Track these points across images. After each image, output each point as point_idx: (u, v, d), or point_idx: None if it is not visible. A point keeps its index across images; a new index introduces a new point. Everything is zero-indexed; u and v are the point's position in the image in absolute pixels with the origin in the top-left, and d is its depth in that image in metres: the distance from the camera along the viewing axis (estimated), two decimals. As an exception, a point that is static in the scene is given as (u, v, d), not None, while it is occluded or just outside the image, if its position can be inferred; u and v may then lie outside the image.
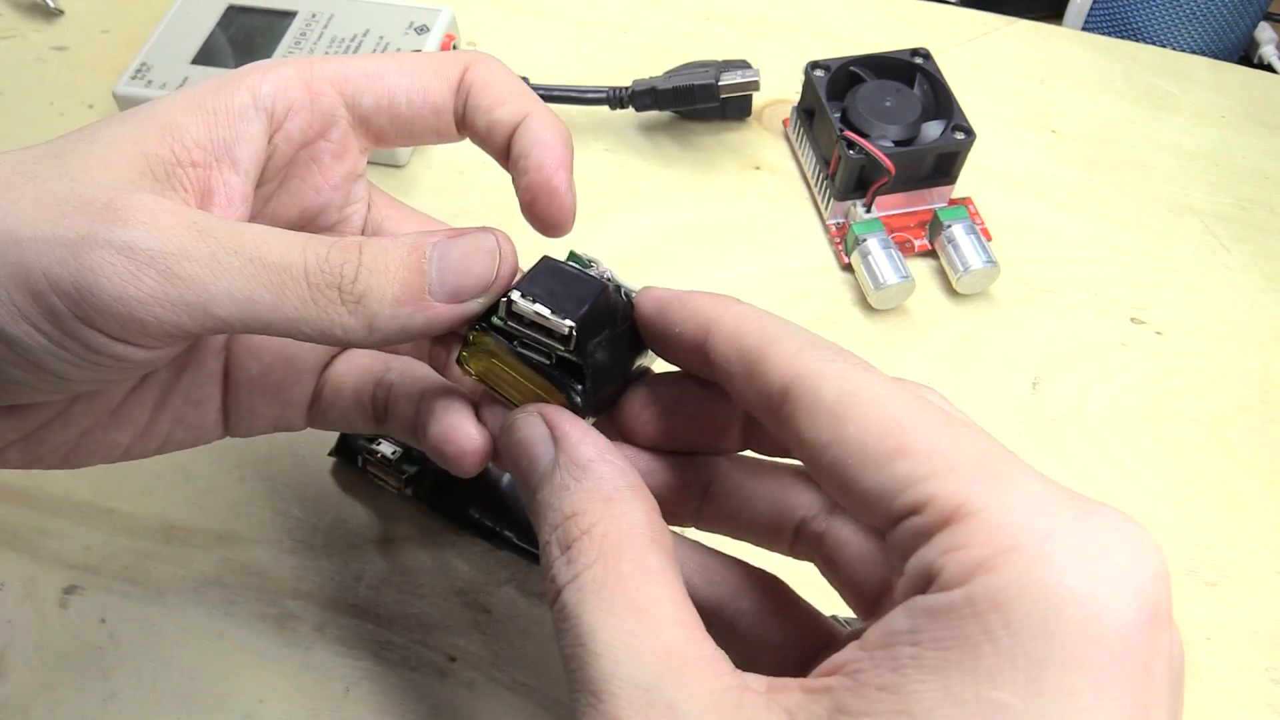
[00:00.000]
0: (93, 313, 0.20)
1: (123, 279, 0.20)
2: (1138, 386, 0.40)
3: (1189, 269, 0.44)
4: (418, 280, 0.22)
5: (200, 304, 0.21)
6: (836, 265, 0.44)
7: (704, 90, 0.46)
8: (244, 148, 0.24)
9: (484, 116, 0.26)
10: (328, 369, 0.28)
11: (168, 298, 0.20)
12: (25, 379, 0.21)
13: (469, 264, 0.22)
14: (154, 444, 0.27)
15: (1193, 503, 0.37)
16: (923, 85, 0.44)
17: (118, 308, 0.20)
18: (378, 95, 0.26)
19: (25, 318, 0.20)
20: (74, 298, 0.20)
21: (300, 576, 0.35)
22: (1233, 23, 0.66)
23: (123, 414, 0.26)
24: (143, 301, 0.20)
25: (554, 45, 0.52)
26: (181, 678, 0.33)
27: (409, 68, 0.26)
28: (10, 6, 0.54)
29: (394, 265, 0.22)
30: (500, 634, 0.34)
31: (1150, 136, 0.49)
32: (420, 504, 0.36)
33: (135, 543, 0.36)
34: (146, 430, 0.26)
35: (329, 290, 0.21)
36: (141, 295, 0.20)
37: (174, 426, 0.27)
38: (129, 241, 0.20)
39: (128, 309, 0.20)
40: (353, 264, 0.22)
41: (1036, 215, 0.46)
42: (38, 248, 0.20)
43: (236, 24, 0.48)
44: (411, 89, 0.26)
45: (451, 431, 0.25)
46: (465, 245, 0.23)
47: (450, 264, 0.22)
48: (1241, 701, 0.33)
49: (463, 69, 0.26)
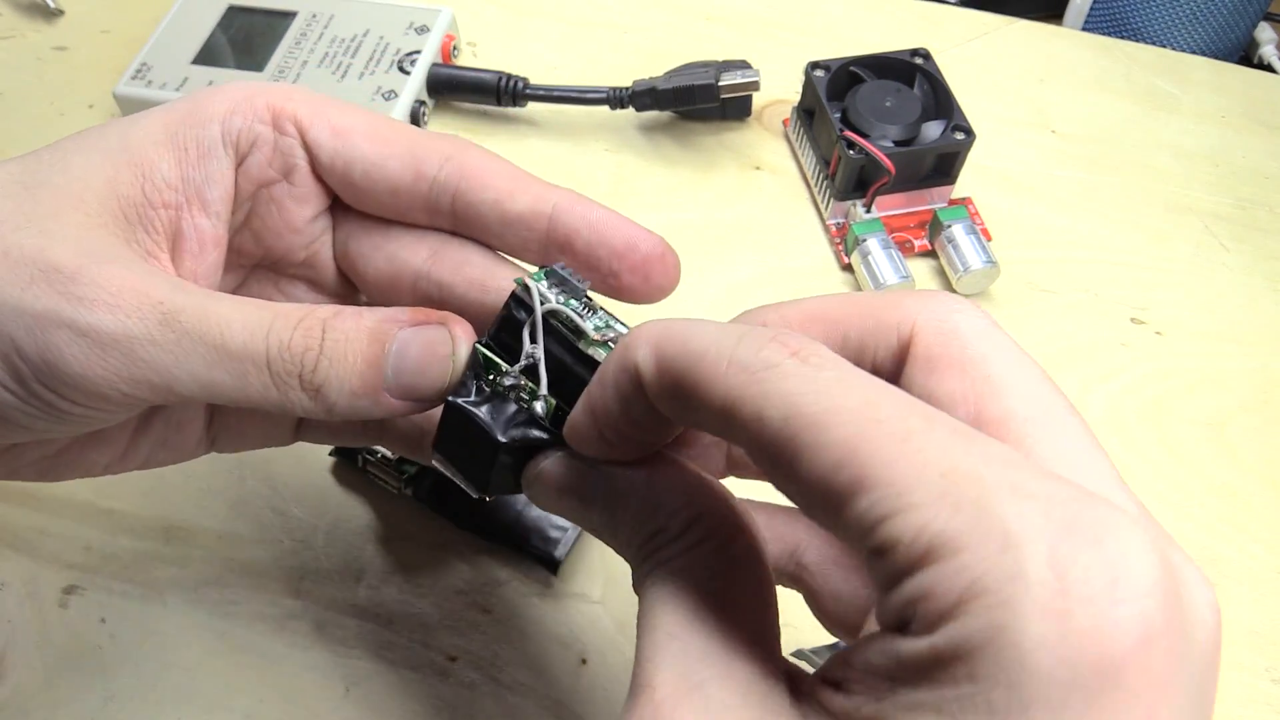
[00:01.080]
0: (57, 384, 0.21)
1: (84, 361, 0.21)
2: (1138, 386, 0.40)
3: (1189, 269, 0.44)
4: (375, 375, 0.22)
5: (164, 384, 0.21)
6: (836, 265, 0.44)
7: (704, 90, 0.46)
8: (214, 189, 0.24)
9: (493, 212, 0.24)
10: None
11: (131, 377, 0.21)
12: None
13: (424, 367, 0.23)
14: (134, 463, 0.27)
15: (1193, 503, 0.38)
16: (923, 85, 0.44)
17: (81, 384, 0.21)
18: (335, 154, 0.24)
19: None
20: (38, 367, 0.21)
21: (300, 576, 0.35)
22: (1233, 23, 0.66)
23: (102, 437, 0.26)
24: (106, 379, 0.21)
25: (554, 45, 0.52)
26: (181, 678, 0.33)
27: (381, 134, 0.24)
28: (10, 6, 0.54)
29: (353, 357, 0.22)
30: (500, 634, 0.34)
31: (1150, 136, 0.49)
32: (420, 504, 0.36)
33: (135, 543, 0.36)
34: (126, 452, 0.26)
35: (290, 378, 0.22)
36: (105, 374, 0.21)
37: (155, 449, 0.27)
38: (91, 325, 0.21)
39: (91, 385, 0.21)
40: (314, 353, 0.22)
41: (1036, 215, 0.46)
42: (4, 313, 0.21)
43: (237, 24, 0.48)
44: (370, 160, 0.24)
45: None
46: (423, 346, 0.23)
47: (406, 364, 0.22)
48: (1241, 701, 0.33)
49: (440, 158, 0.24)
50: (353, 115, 0.25)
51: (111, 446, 0.26)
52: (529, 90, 0.47)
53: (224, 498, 0.37)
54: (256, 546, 0.36)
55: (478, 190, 0.24)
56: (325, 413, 0.23)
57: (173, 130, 0.24)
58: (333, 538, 0.36)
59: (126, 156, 0.23)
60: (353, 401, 0.22)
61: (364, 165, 0.24)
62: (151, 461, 0.27)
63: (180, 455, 0.28)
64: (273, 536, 0.36)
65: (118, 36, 0.52)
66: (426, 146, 0.24)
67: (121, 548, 0.36)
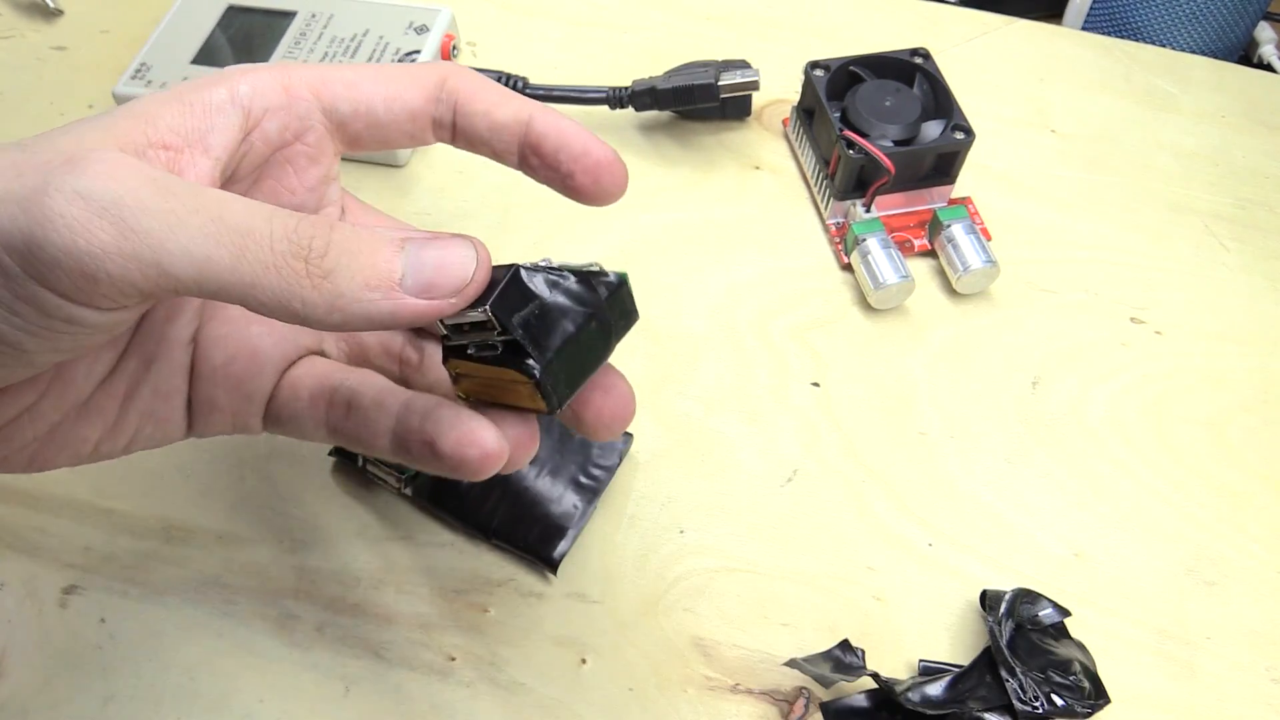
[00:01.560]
0: (44, 269, 0.20)
1: (74, 231, 0.19)
2: (1138, 386, 0.40)
3: (1189, 269, 0.44)
4: (390, 268, 0.21)
5: (155, 260, 0.20)
6: (836, 265, 0.44)
7: (704, 90, 0.46)
8: (217, 136, 0.24)
9: (483, 120, 0.26)
10: (288, 371, 0.28)
11: (120, 252, 0.20)
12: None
13: (444, 263, 0.22)
14: (122, 440, 0.27)
15: (1193, 503, 0.38)
16: (922, 85, 0.44)
17: (69, 262, 0.19)
18: (355, 101, 0.26)
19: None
20: (24, 253, 0.19)
21: (300, 576, 0.35)
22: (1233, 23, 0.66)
23: (92, 407, 0.26)
24: (94, 255, 0.19)
25: (554, 45, 0.52)
26: (181, 678, 0.33)
27: (385, 76, 0.26)
28: (10, 6, 0.54)
29: (367, 249, 0.21)
30: (500, 634, 0.34)
31: (1150, 136, 0.49)
32: (420, 503, 0.36)
33: (135, 543, 0.36)
34: (115, 425, 0.26)
35: (294, 260, 0.21)
36: (93, 249, 0.19)
37: (142, 421, 0.27)
38: (84, 189, 0.19)
39: (79, 263, 0.19)
40: (323, 239, 0.21)
41: (1036, 215, 0.46)
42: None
43: (236, 24, 0.48)
44: (389, 96, 0.26)
45: (473, 435, 0.24)
46: (442, 246, 0.22)
47: (425, 260, 0.22)
48: (1241, 701, 0.33)
49: (440, 78, 0.27)
50: (350, 68, 0.27)
51: (101, 418, 0.26)
52: (529, 90, 0.47)
53: (224, 498, 0.37)
54: (256, 546, 0.36)
55: (472, 103, 0.26)
56: (327, 308, 0.21)
57: (178, 93, 0.24)
58: (333, 538, 0.36)
59: (128, 110, 0.23)
60: (364, 293, 0.21)
61: (384, 103, 0.26)
62: (138, 440, 0.27)
63: (165, 432, 0.27)
64: (273, 536, 0.36)
65: (117, 36, 0.52)
66: (426, 73, 0.27)
67: (121, 548, 0.36)
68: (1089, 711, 0.31)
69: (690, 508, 0.37)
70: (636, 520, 0.37)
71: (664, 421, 0.39)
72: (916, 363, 0.41)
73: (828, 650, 0.33)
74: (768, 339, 0.41)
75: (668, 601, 0.35)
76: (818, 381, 0.40)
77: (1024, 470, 0.38)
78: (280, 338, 0.28)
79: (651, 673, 0.33)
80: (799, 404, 0.40)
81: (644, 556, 0.36)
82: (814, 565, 0.36)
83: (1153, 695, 0.33)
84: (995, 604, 0.33)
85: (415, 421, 0.25)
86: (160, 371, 0.27)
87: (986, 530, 0.37)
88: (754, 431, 0.39)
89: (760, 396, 0.40)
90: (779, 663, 0.33)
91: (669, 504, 0.37)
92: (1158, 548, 0.36)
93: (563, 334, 0.24)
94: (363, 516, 0.37)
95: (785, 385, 0.40)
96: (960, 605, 0.35)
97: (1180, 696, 0.33)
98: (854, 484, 0.38)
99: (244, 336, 0.28)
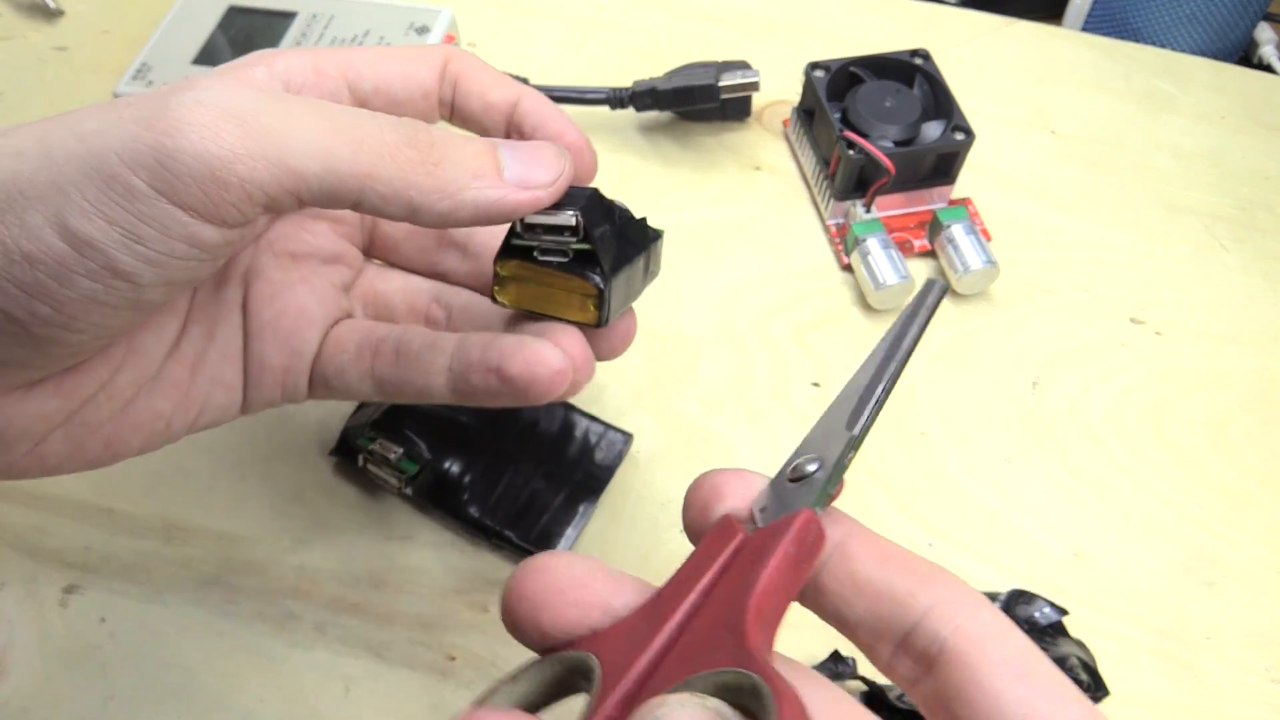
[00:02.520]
0: (174, 179, 0.20)
1: (202, 135, 0.20)
2: (1138, 386, 0.40)
3: (1188, 269, 0.44)
4: (493, 160, 0.24)
5: (280, 157, 0.21)
6: (836, 265, 0.44)
7: (704, 91, 0.46)
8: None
9: (478, 99, 0.28)
10: (331, 330, 0.29)
11: (249, 152, 0.20)
12: (94, 291, 0.21)
13: (539, 157, 0.24)
14: (192, 412, 0.27)
15: (1193, 503, 0.38)
16: (922, 86, 0.44)
17: (198, 166, 0.20)
18: (376, 79, 0.27)
19: (99, 212, 0.20)
20: (152, 168, 0.20)
21: (300, 576, 0.35)
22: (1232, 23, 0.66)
23: (164, 378, 0.26)
24: (224, 157, 0.20)
25: (554, 45, 0.52)
26: (181, 678, 0.33)
27: (399, 55, 0.28)
28: (10, 7, 0.54)
29: (469, 146, 0.23)
30: (500, 634, 0.34)
31: (1150, 137, 0.49)
32: (420, 503, 0.36)
33: (135, 543, 0.36)
34: (186, 396, 0.27)
35: (408, 149, 0.22)
36: (222, 151, 0.20)
37: (211, 388, 0.27)
38: (207, 98, 0.21)
39: (209, 167, 0.20)
40: (427, 134, 0.23)
41: (1036, 215, 0.46)
42: (107, 134, 0.20)
43: (237, 25, 0.48)
44: (404, 74, 0.27)
45: (540, 354, 0.25)
46: (534, 144, 0.25)
47: (522, 154, 0.24)
48: (1241, 701, 0.33)
49: (444, 59, 0.28)
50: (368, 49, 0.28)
51: (174, 388, 0.26)
52: (529, 90, 0.47)
53: (224, 497, 0.37)
54: (256, 546, 0.36)
55: (469, 83, 0.28)
56: (439, 195, 0.23)
57: (221, 72, 0.25)
58: (333, 538, 0.36)
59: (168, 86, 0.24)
60: (471, 180, 0.23)
61: (400, 80, 0.27)
62: (207, 410, 0.27)
63: (228, 400, 0.28)
64: (273, 536, 0.36)
65: (118, 37, 0.52)
66: (433, 54, 0.28)
67: (121, 548, 0.36)
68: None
69: (690, 508, 0.37)
70: (636, 520, 0.37)
71: (664, 421, 0.39)
72: (916, 363, 0.41)
73: (820, 664, 0.33)
74: (768, 339, 0.41)
75: (668, 601, 0.35)
76: (818, 382, 0.40)
77: (1024, 470, 0.38)
78: (322, 296, 0.29)
79: (651, 673, 0.33)
80: (799, 404, 0.40)
81: (644, 557, 0.36)
82: (814, 565, 0.36)
83: (1153, 695, 0.33)
84: None
85: (475, 354, 0.26)
86: (222, 335, 0.28)
87: (986, 530, 0.37)
88: (754, 431, 0.39)
89: (760, 396, 0.40)
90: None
91: (669, 504, 0.37)
92: (1158, 548, 0.36)
93: (625, 258, 0.26)
94: (363, 516, 0.37)
95: (785, 385, 0.40)
96: (960, 605, 0.35)
97: (1180, 696, 0.33)
98: (854, 484, 0.38)
99: (289, 295, 0.28)
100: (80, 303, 0.21)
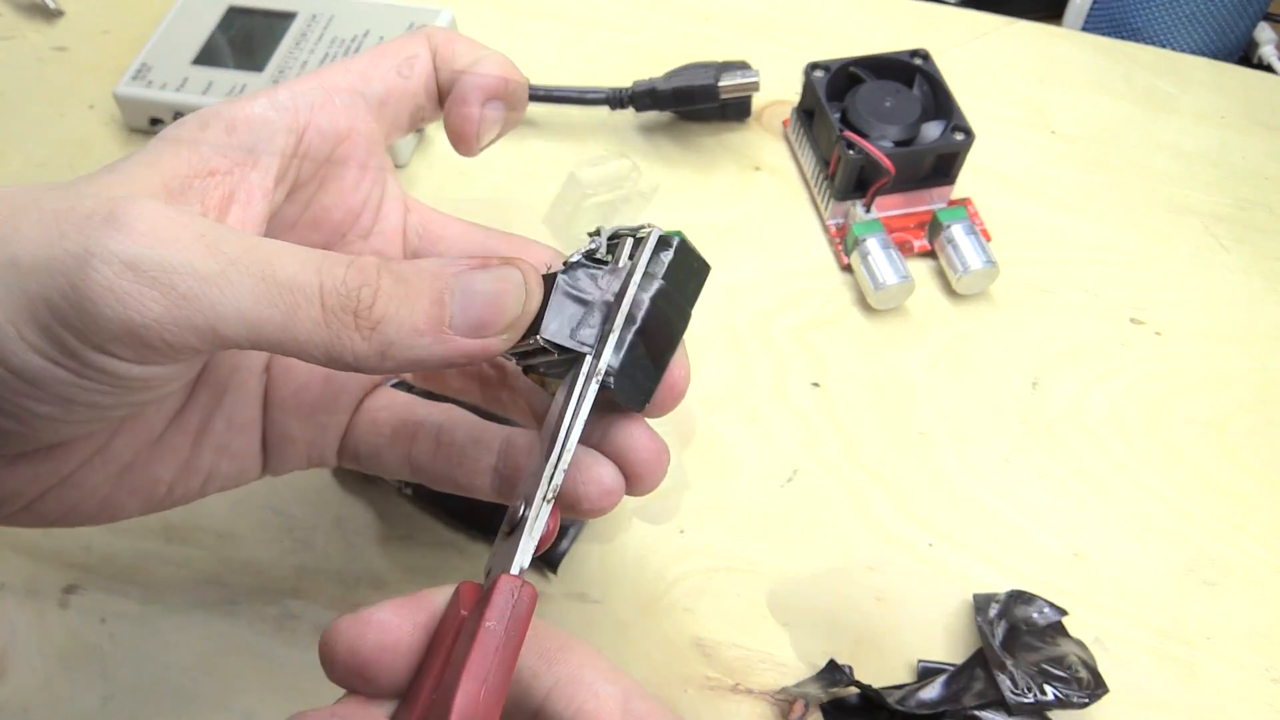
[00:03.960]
0: (100, 339, 0.19)
1: (125, 305, 0.19)
2: (1137, 386, 0.40)
3: (1188, 269, 0.44)
4: (439, 311, 0.21)
5: (208, 325, 0.20)
6: (836, 266, 0.44)
7: (704, 91, 0.46)
8: (265, 147, 0.24)
9: (445, 71, 0.27)
10: (364, 401, 0.28)
11: (174, 320, 0.19)
12: (53, 413, 0.21)
13: (493, 299, 0.21)
14: (197, 481, 0.26)
15: (1193, 503, 0.38)
16: (922, 86, 0.44)
17: (122, 332, 0.19)
18: (383, 82, 0.26)
19: (37, 351, 0.19)
20: (78, 327, 0.19)
21: (300, 576, 0.35)
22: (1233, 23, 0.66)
23: (165, 445, 0.25)
24: (148, 325, 0.19)
25: (554, 46, 0.52)
26: (181, 678, 0.33)
27: (392, 50, 0.27)
28: (10, 7, 0.54)
29: (414, 294, 0.21)
30: (500, 634, 0.34)
31: (1150, 137, 0.49)
32: (420, 504, 0.36)
33: (135, 543, 0.36)
34: (189, 463, 0.26)
35: (343, 314, 0.20)
36: (146, 319, 0.19)
37: (217, 457, 0.26)
38: (131, 257, 0.19)
39: (134, 334, 0.19)
40: (370, 288, 0.21)
41: (1036, 215, 0.46)
42: (39, 275, 0.19)
43: (237, 25, 0.48)
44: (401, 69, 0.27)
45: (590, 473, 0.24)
46: (490, 280, 0.22)
47: (473, 298, 0.21)
48: (1241, 701, 0.33)
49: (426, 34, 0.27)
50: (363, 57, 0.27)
51: (174, 456, 0.25)
52: (529, 91, 0.47)
53: (224, 498, 0.37)
54: (256, 546, 0.36)
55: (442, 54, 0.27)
56: (379, 357, 0.21)
57: (216, 110, 0.24)
58: (333, 538, 0.36)
59: (166, 139, 0.23)
60: (414, 340, 0.21)
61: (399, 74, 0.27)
62: (214, 478, 0.26)
63: (241, 468, 0.27)
64: (273, 536, 0.36)
65: (118, 37, 0.52)
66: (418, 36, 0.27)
67: (121, 548, 0.36)
68: (1086, 701, 0.31)
69: (690, 508, 0.37)
70: (636, 520, 0.37)
71: (664, 421, 0.39)
72: (916, 363, 0.41)
73: (816, 674, 0.33)
74: (768, 339, 0.41)
75: (668, 601, 0.35)
76: (818, 382, 0.40)
77: (1024, 470, 0.38)
78: None
79: (652, 673, 0.33)
80: (799, 404, 0.40)
81: (644, 556, 0.36)
82: (814, 565, 0.36)
83: (1153, 695, 0.33)
84: (985, 606, 0.33)
85: (523, 459, 0.25)
86: (233, 402, 0.26)
87: (986, 530, 0.37)
88: (754, 431, 0.39)
89: (760, 396, 0.40)
90: (779, 662, 0.33)
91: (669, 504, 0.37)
92: (1158, 548, 0.36)
93: (628, 329, 0.23)
94: (363, 516, 0.37)
95: (785, 385, 0.40)
96: (960, 605, 0.35)
97: (1180, 696, 0.33)
98: (854, 484, 0.38)
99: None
100: (43, 421, 0.21)
